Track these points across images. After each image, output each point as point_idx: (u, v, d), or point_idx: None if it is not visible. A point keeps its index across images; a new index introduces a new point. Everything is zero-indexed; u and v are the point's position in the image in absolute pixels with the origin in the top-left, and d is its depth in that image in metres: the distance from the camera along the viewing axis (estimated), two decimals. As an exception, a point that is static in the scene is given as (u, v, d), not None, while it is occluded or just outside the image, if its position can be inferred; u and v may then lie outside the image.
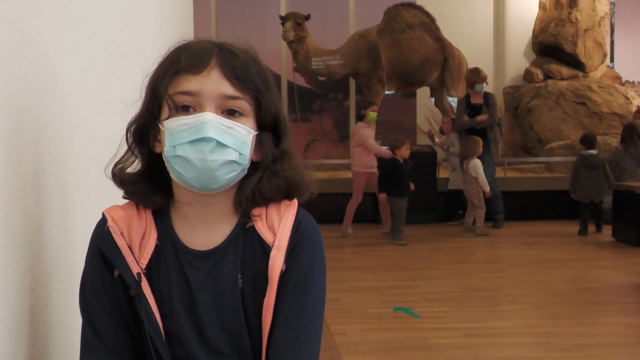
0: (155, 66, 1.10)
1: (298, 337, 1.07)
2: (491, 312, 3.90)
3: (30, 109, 1.16)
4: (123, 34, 2.05)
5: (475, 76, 7.10)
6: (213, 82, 1.05)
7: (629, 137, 6.98)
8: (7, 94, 1.06)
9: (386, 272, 5.09)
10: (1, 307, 1.03)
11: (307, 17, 7.79)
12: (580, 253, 5.78)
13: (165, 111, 1.07)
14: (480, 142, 6.71)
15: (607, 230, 6.47)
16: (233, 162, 1.05)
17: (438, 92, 8.56)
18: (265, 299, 1.08)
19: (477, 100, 7.06)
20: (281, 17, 7.89)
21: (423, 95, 9.34)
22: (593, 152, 6.79)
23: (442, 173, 7.84)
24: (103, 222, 1.11)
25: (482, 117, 6.96)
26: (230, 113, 1.06)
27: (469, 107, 7.05)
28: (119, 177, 1.12)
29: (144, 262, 1.09)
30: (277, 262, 1.09)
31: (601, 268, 5.21)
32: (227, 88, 1.05)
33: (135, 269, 1.07)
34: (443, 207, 7.62)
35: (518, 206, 7.37)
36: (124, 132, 1.12)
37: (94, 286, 1.09)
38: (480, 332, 3.50)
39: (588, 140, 6.87)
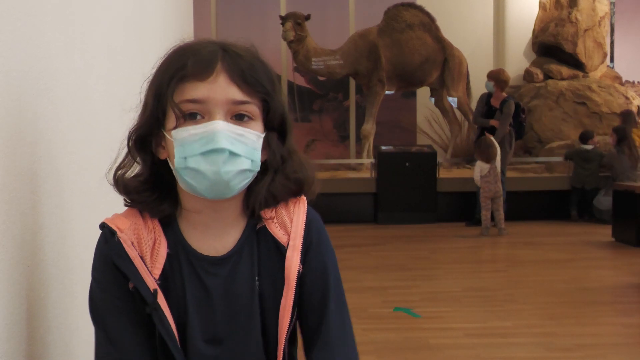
0: (155, 69, 1.07)
1: (341, 340, 1.10)
2: (491, 312, 3.90)
3: (30, 109, 1.16)
4: (123, 34, 2.05)
5: (494, 75, 7.05)
6: (221, 88, 1.02)
7: (623, 138, 7.14)
8: (7, 94, 1.06)
9: (386, 272, 5.08)
10: (0, 307, 1.03)
11: (307, 17, 7.78)
12: (580, 253, 5.78)
13: (170, 119, 1.03)
14: (493, 141, 6.66)
15: (607, 230, 6.47)
16: (246, 170, 1.03)
17: (438, 92, 8.55)
18: (283, 299, 1.07)
19: (495, 103, 7.02)
20: (281, 17, 7.88)
21: (423, 95, 9.34)
22: (588, 147, 7.51)
23: (442, 173, 7.84)
24: (110, 232, 1.06)
25: (494, 122, 6.94)
26: (239, 117, 1.03)
27: (487, 106, 7.03)
28: (123, 184, 1.08)
29: (157, 272, 1.05)
30: (293, 262, 1.08)
31: (601, 268, 5.21)
32: (236, 93, 1.02)
33: (149, 280, 1.04)
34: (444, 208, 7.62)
35: (518, 206, 7.37)
36: (123, 138, 1.09)
37: (110, 299, 1.05)
38: (480, 332, 3.50)
39: (583, 136, 7.65)
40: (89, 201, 1.53)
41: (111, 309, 1.05)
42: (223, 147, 1.00)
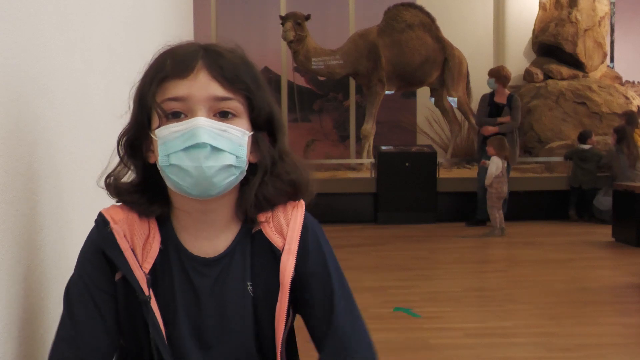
0: (141, 75, 1.07)
1: (355, 341, 1.10)
2: (491, 312, 3.90)
3: (30, 109, 1.16)
4: (123, 34, 2.05)
5: (494, 72, 7.09)
6: (202, 85, 1.01)
7: (623, 137, 7.17)
8: (7, 94, 1.06)
9: (386, 272, 5.09)
10: (1, 307, 1.03)
11: (307, 17, 7.78)
12: (580, 253, 5.78)
13: (155, 120, 1.03)
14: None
15: (607, 230, 6.47)
16: (230, 166, 1.02)
17: (438, 92, 8.55)
18: (278, 304, 1.07)
19: (500, 99, 7.03)
20: (281, 17, 7.88)
21: (423, 95, 9.34)
22: (586, 147, 7.54)
23: (442, 173, 7.84)
24: (104, 222, 1.06)
25: (504, 119, 6.94)
26: (223, 115, 1.03)
27: (491, 106, 7.03)
28: (115, 186, 1.09)
29: (148, 266, 1.05)
30: (288, 266, 1.07)
31: (601, 268, 5.21)
32: (217, 89, 1.02)
33: (139, 273, 1.04)
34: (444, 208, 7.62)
35: (518, 206, 7.37)
36: (115, 145, 1.09)
37: (89, 284, 1.06)
38: (480, 332, 3.50)
39: (582, 136, 7.69)
40: (89, 201, 1.52)
41: (85, 294, 1.05)
42: (204, 142, 0.99)
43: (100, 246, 1.06)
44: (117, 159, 1.10)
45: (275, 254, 1.08)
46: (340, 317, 1.10)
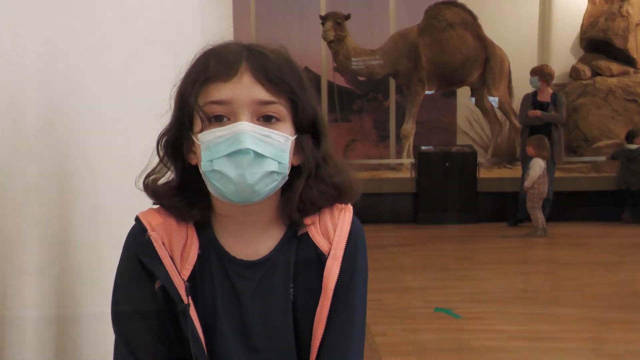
0: (183, 74, 1.04)
1: (344, 343, 1.05)
2: (535, 314, 3.80)
3: (65, 109, 1.16)
4: (161, 32, 2.05)
5: (538, 70, 6.99)
6: (245, 88, 0.99)
7: None
8: (41, 93, 1.05)
9: (426, 272, 5.02)
10: (34, 308, 1.02)
11: (347, 17, 7.76)
12: (630, 256, 5.60)
13: (197, 123, 1.01)
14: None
15: (658, 231, 6.27)
16: (272, 172, 1.00)
17: (479, 92, 8.42)
18: (318, 309, 1.05)
19: (544, 98, 6.92)
20: (321, 17, 7.87)
21: (463, 95, 9.21)
22: (633, 146, 7.36)
23: (483, 173, 7.73)
24: (141, 229, 1.04)
25: (551, 114, 6.85)
26: (266, 119, 1.00)
27: (535, 105, 6.92)
28: (152, 189, 1.06)
29: (186, 273, 1.04)
30: (332, 272, 1.05)
31: (651, 271, 5.04)
32: (261, 93, 0.99)
33: (178, 281, 1.02)
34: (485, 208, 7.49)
35: (562, 206, 7.21)
36: (155, 144, 1.06)
37: (132, 297, 1.04)
38: (525, 336, 3.41)
39: (629, 135, 7.51)
40: (126, 202, 1.52)
41: (134, 315, 1.04)
42: (247, 148, 0.97)
43: (138, 255, 1.04)
44: (156, 160, 1.08)
45: (320, 258, 1.07)
46: (352, 339, 1.06)
